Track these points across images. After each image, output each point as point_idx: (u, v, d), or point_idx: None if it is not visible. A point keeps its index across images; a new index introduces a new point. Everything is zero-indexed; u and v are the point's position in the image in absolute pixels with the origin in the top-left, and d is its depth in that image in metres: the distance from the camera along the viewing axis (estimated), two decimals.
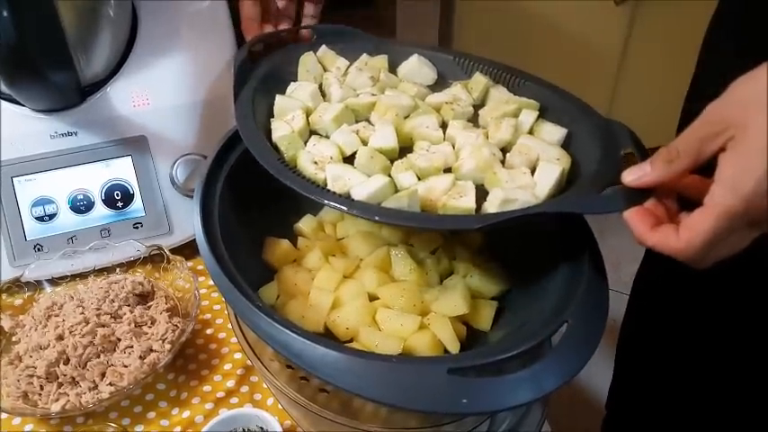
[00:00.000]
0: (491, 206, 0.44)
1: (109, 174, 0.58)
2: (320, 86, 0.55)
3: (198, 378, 0.50)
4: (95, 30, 0.57)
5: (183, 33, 0.62)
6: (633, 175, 0.39)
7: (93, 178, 0.57)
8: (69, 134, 0.57)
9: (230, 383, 0.50)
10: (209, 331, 0.54)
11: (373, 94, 0.54)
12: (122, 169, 0.58)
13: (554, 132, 0.51)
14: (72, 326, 0.47)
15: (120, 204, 0.58)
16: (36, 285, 0.54)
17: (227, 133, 0.53)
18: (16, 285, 0.53)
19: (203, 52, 0.62)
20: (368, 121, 0.52)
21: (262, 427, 0.44)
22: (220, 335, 0.54)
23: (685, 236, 0.36)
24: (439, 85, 0.58)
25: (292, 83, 0.55)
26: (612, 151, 0.46)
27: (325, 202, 0.42)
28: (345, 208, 0.42)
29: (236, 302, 0.41)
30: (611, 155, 0.46)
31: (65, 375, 0.45)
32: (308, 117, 0.51)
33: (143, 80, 0.60)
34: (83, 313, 0.48)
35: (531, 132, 0.52)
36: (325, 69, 0.58)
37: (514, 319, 0.50)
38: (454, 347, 0.47)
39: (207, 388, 0.49)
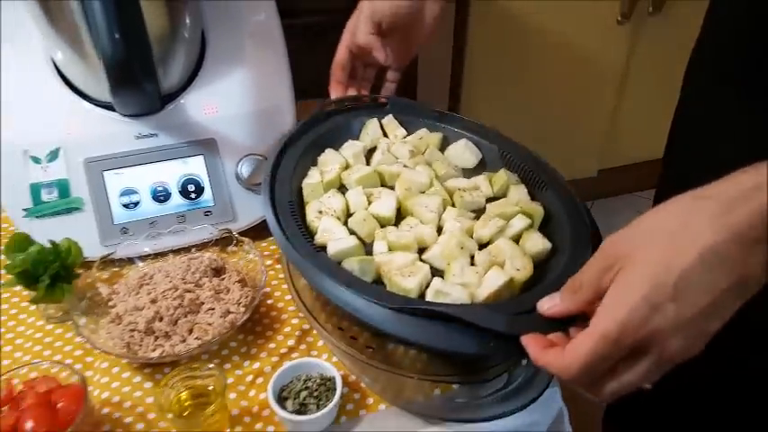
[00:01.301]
0: (429, 293, 0.51)
1: (184, 169, 0.68)
2: (375, 149, 0.66)
3: (264, 337, 0.60)
4: (173, 48, 0.68)
5: (244, 50, 0.73)
6: (546, 305, 0.44)
7: (171, 173, 0.68)
8: (151, 135, 0.68)
9: (291, 342, 0.60)
10: (269, 301, 0.64)
11: (405, 166, 0.63)
12: (195, 166, 0.68)
13: (537, 243, 0.56)
14: (163, 291, 0.58)
15: (193, 195, 0.68)
16: (125, 262, 0.64)
17: (282, 137, 0.64)
18: (109, 262, 0.63)
19: (261, 67, 0.73)
20: (391, 187, 0.62)
21: (321, 374, 0.54)
22: (279, 304, 0.64)
23: (568, 357, 0.38)
24: (479, 168, 0.67)
25: (350, 140, 0.66)
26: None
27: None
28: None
29: (304, 266, 0.52)
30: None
31: (160, 330, 0.55)
32: (341, 173, 0.62)
33: (212, 91, 0.70)
34: (171, 282, 0.59)
35: (519, 237, 0.57)
36: (386, 135, 0.68)
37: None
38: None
39: (272, 345, 0.59)
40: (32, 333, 0.61)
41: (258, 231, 0.68)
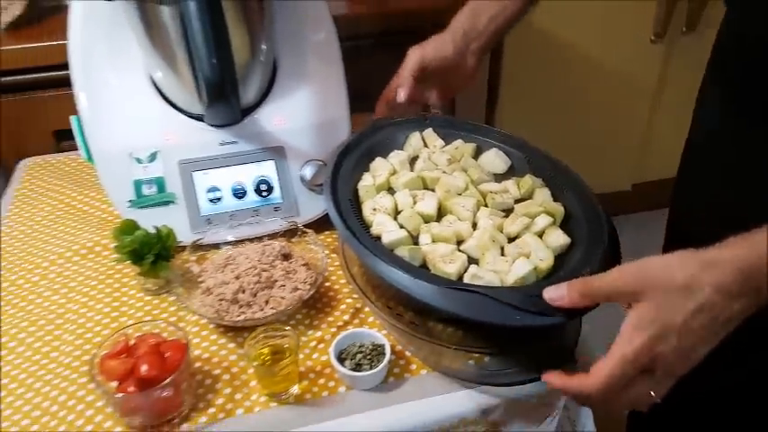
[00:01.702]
0: (466, 277, 0.62)
1: (258, 171, 0.81)
2: (417, 157, 0.77)
3: (324, 312, 0.72)
4: (252, 71, 0.80)
5: (307, 70, 0.85)
6: (552, 294, 0.53)
7: (247, 174, 0.81)
8: (232, 143, 0.81)
9: (346, 317, 0.71)
10: (327, 284, 0.76)
11: (444, 172, 0.74)
12: (267, 169, 0.81)
13: (558, 238, 0.66)
14: (245, 270, 0.70)
15: (265, 193, 0.81)
16: (210, 246, 0.77)
17: (339, 147, 0.76)
18: (197, 246, 0.76)
19: (322, 84, 0.85)
20: (432, 190, 0.73)
21: (373, 342, 0.65)
22: (335, 287, 0.75)
23: (592, 378, 0.49)
24: (508, 173, 0.77)
25: (395, 150, 0.78)
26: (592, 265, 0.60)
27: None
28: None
29: (360, 250, 0.62)
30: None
31: (243, 300, 0.68)
32: (390, 177, 0.73)
33: (281, 106, 0.83)
34: (250, 262, 0.71)
35: (542, 232, 0.67)
36: (426, 146, 0.80)
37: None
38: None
39: (330, 318, 0.71)
40: (134, 303, 0.74)
41: (318, 225, 0.80)
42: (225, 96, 0.71)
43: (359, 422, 0.61)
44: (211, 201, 0.79)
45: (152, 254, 0.70)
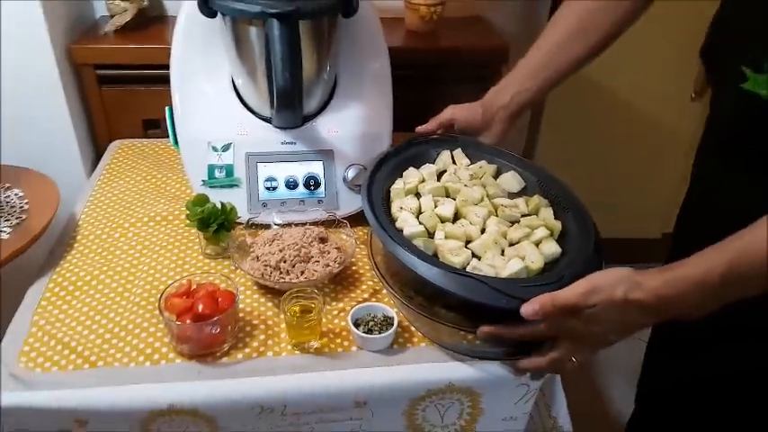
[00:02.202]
0: (468, 268, 0.74)
1: (308, 169, 0.96)
2: (444, 171, 0.91)
3: (347, 289, 0.86)
4: (316, 86, 0.96)
5: (362, 90, 1.00)
6: (527, 309, 0.65)
7: (300, 170, 0.96)
8: (291, 143, 0.96)
9: (365, 295, 0.85)
10: (354, 268, 0.90)
11: (465, 185, 0.87)
12: (316, 168, 0.96)
13: (551, 248, 0.77)
14: (288, 245, 0.85)
15: (312, 187, 0.96)
16: (262, 225, 0.92)
17: (379, 155, 0.90)
18: (252, 223, 0.91)
19: (372, 103, 1.00)
20: (453, 199, 0.86)
21: (384, 314, 0.78)
22: (360, 271, 0.89)
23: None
24: (521, 193, 0.89)
25: (427, 163, 0.92)
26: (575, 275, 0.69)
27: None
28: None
29: (384, 238, 0.76)
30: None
31: (284, 268, 0.82)
32: (418, 184, 0.87)
33: (335, 117, 0.98)
34: (293, 240, 0.86)
35: (539, 242, 0.78)
36: (453, 162, 0.94)
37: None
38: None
39: (352, 294, 0.85)
40: (195, 263, 0.90)
41: (353, 219, 0.94)
42: (291, 104, 0.87)
43: (365, 377, 0.74)
44: (268, 188, 0.95)
45: (216, 223, 0.86)
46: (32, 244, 0.87)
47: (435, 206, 0.84)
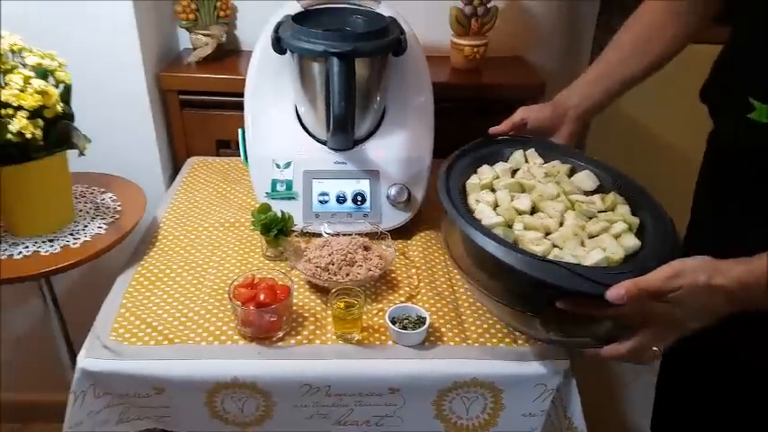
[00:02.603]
0: (549, 256, 0.74)
1: (356, 186, 1.10)
2: (518, 170, 0.93)
3: (386, 292, 0.98)
4: (366, 115, 1.10)
5: (407, 120, 1.14)
6: (612, 293, 0.65)
7: (349, 187, 1.09)
8: (343, 163, 1.10)
9: (402, 298, 0.96)
10: (393, 275, 1.01)
11: (539, 181, 0.88)
12: (363, 185, 1.09)
13: (630, 241, 0.78)
14: (336, 250, 0.98)
15: (359, 203, 1.09)
16: (314, 234, 1.05)
17: (456, 153, 0.96)
18: (306, 232, 1.05)
19: (415, 131, 1.13)
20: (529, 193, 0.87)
21: (417, 314, 0.89)
22: (398, 278, 1.01)
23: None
24: (596, 191, 0.88)
25: (500, 162, 0.94)
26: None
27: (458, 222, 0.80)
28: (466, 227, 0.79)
29: (467, 228, 0.77)
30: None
31: (331, 270, 0.95)
32: (493, 180, 0.90)
33: (382, 142, 1.12)
34: (341, 247, 0.99)
35: (618, 235, 0.79)
36: (527, 161, 0.95)
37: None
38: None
39: (390, 297, 0.96)
40: (256, 263, 1.04)
41: (394, 232, 1.07)
42: (345, 130, 1.01)
43: (399, 367, 0.85)
44: (320, 202, 1.09)
45: (276, 229, 1.00)
46: (123, 239, 1.03)
47: (511, 200, 0.85)
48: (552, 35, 1.54)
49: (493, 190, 0.89)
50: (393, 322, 0.88)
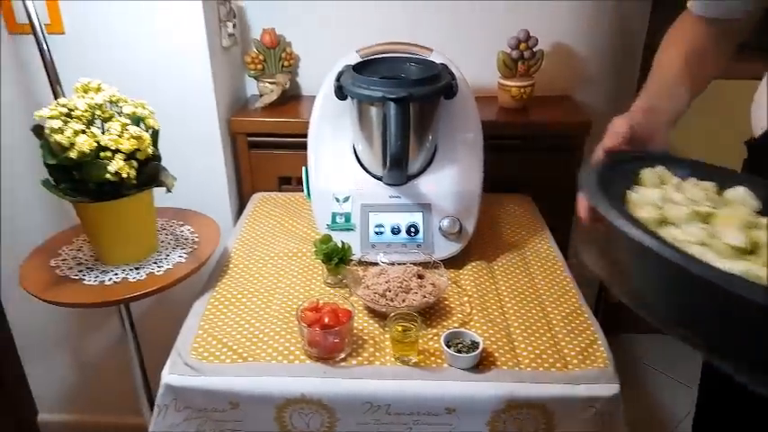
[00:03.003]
0: None
1: (410, 219, 1.18)
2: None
3: (439, 317, 1.04)
4: (419, 152, 1.19)
5: (456, 156, 1.22)
6: None
7: (403, 219, 1.17)
8: (397, 197, 1.19)
9: (455, 325, 1.02)
10: (445, 301, 1.08)
11: (713, 208, 0.68)
12: (417, 218, 1.17)
13: None
14: (392, 278, 1.05)
15: (412, 234, 1.17)
16: (371, 262, 1.14)
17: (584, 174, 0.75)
18: (364, 261, 1.13)
19: (465, 165, 1.21)
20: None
21: (471, 339, 0.95)
22: (451, 304, 1.07)
23: None
24: (761, 213, 0.69)
25: (643, 187, 0.71)
26: None
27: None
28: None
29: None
30: None
31: (388, 296, 1.02)
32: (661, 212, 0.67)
33: (434, 177, 1.20)
34: (396, 275, 1.06)
35: None
36: (661, 183, 0.76)
37: None
38: None
39: (444, 323, 1.03)
40: (318, 289, 1.13)
41: (446, 262, 1.13)
42: (400, 167, 1.10)
43: (454, 388, 0.91)
44: (377, 233, 1.17)
45: (336, 258, 1.09)
46: (201, 267, 1.14)
47: (709, 235, 0.63)
48: (598, 75, 1.60)
49: (667, 223, 0.67)
50: (448, 346, 0.94)
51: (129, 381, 1.33)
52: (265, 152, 1.51)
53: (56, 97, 1.25)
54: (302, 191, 1.28)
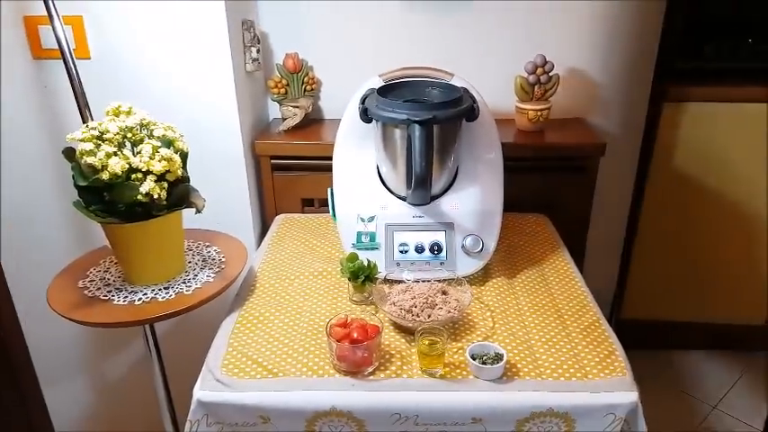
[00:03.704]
0: None
1: (434, 237, 1.21)
2: None
3: (463, 331, 1.06)
4: (441, 173, 1.23)
5: (478, 176, 1.25)
6: None
7: (426, 238, 1.21)
8: (421, 217, 1.22)
9: (479, 339, 1.04)
10: (469, 316, 1.10)
11: None
12: (440, 236, 1.20)
13: None
14: (418, 294, 1.08)
15: (436, 252, 1.20)
16: (396, 280, 1.16)
17: None
18: (389, 279, 1.16)
19: (486, 185, 1.24)
20: None
21: (495, 351, 0.97)
22: (475, 319, 1.09)
23: None
24: None
25: None
26: None
27: None
28: None
29: None
30: None
31: (414, 312, 1.05)
32: None
33: (456, 197, 1.23)
34: (421, 292, 1.09)
35: None
36: None
37: None
38: None
39: (468, 337, 1.05)
40: (344, 307, 1.15)
41: (469, 279, 1.16)
42: (425, 187, 1.13)
43: (480, 399, 0.93)
44: (401, 251, 1.20)
45: (363, 275, 1.12)
46: (229, 286, 1.17)
47: None
48: (610, 99, 1.65)
49: None
50: (473, 358, 0.96)
51: (150, 401, 1.35)
52: (288, 174, 1.55)
53: (84, 121, 1.29)
54: (325, 212, 1.32)
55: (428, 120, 1.08)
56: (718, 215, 1.90)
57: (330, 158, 1.29)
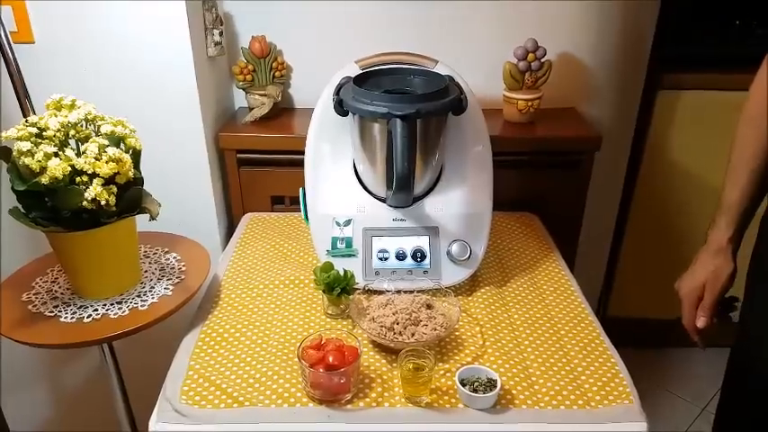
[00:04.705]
0: None
1: (416, 243, 1.10)
2: None
3: (452, 351, 0.96)
4: (425, 173, 1.11)
5: (465, 175, 1.14)
6: None
7: (408, 244, 1.10)
8: (402, 220, 1.11)
9: (468, 358, 0.94)
10: (457, 333, 1.00)
11: None
12: (423, 242, 1.10)
13: None
14: (399, 309, 0.97)
15: (419, 259, 1.09)
16: (375, 291, 1.05)
17: None
18: (367, 290, 1.05)
19: (473, 185, 1.13)
20: None
21: (488, 376, 0.87)
22: (463, 336, 0.99)
23: None
24: None
25: None
26: None
27: None
28: None
29: None
30: None
31: (396, 330, 0.94)
32: None
33: (441, 199, 1.12)
34: (404, 305, 0.98)
35: None
36: None
37: None
38: None
39: (456, 357, 0.95)
40: (318, 321, 1.04)
41: (455, 288, 1.06)
42: (406, 187, 1.02)
43: (471, 430, 0.83)
44: (380, 259, 1.09)
45: (339, 287, 1.01)
46: (189, 300, 1.05)
47: None
48: (603, 87, 1.54)
49: None
50: (463, 384, 0.86)
51: (112, 416, 1.23)
52: (256, 169, 1.42)
53: (24, 114, 1.15)
54: (296, 210, 1.20)
55: (411, 114, 0.96)
56: (711, 210, 1.83)
57: (302, 152, 1.17)
